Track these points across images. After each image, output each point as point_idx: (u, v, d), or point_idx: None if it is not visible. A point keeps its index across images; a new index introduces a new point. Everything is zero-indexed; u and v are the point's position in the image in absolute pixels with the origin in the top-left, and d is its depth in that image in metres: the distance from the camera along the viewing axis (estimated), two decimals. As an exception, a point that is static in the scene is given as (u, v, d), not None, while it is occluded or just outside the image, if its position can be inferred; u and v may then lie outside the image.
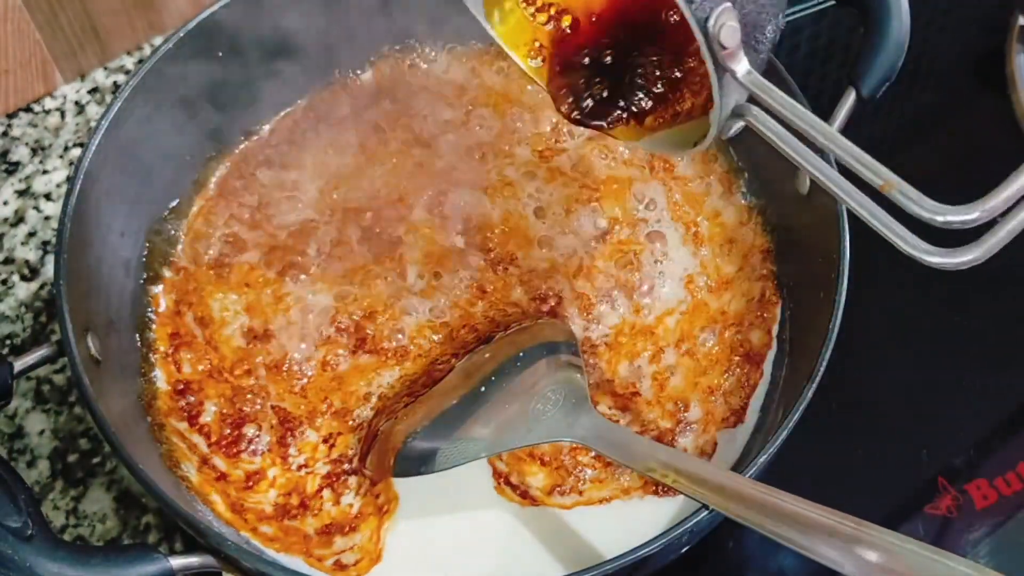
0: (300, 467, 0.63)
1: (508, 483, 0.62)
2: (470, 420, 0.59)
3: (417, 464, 0.59)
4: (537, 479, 0.63)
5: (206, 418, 0.65)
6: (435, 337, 0.68)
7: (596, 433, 0.57)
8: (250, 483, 0.63)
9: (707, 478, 0.52)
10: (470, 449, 0.58)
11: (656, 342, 0.67)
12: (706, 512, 0.51)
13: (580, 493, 0.62)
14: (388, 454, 0.60)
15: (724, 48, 0.46)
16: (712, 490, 0.51)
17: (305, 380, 0.66)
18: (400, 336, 0.68)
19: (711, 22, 0.46)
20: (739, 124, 0.50)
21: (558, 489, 0.62)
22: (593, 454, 0.62)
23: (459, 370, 0.63)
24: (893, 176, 0.45)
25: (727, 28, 0.46)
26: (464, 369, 0.63)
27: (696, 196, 0.73)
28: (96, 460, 0.68)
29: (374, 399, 0.66)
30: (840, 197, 0.46)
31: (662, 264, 0.70)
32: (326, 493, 0.62)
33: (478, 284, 0.70)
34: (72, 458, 0.68)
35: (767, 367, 0.66)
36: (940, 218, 0.44)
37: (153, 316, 0.68)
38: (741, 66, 0.48)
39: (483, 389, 0.61)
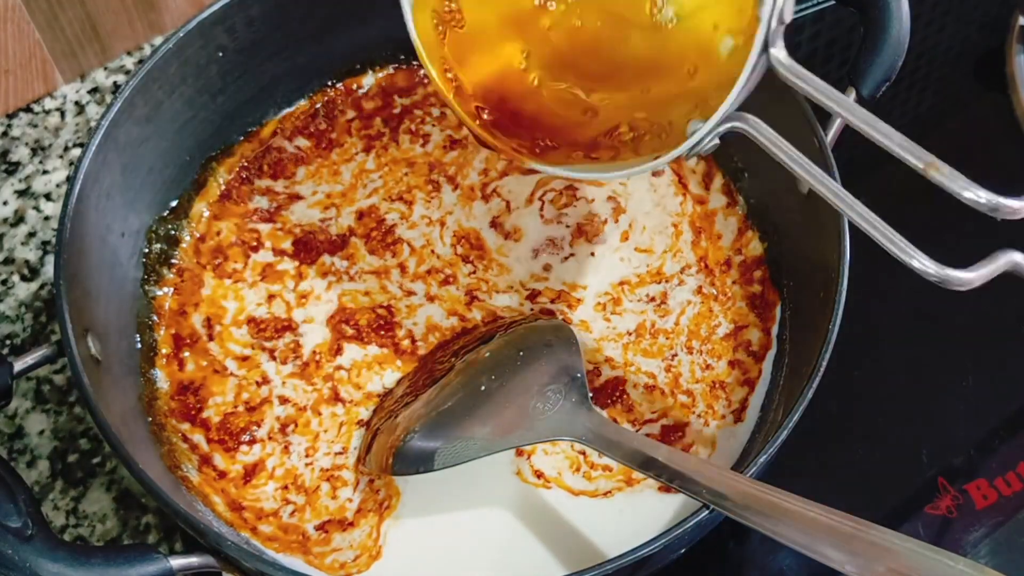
0: (300, 457, 0.64)
1: (528, 459, 0.63)
2: (469, 419, 0.60)
3: (416, 463, 0.59)
4: (557, 458, 0.63)
5: (208, 412, 0.65)
6: (438, 334, 0.68)
7: (596, 431, 0.57)
8: (249, 477, 0.63)
9: (707, 477, 0.52)
10: (469, 448, 0.58)
11: (670, 337, 0.68)
12: (706, 512, 0.51)
13: (590, 479, 0.63)
14: (387, 452, 0.60)
15: (781, 23, 0.47)
16: (712, 489, 0.51)
17: (312, 369, 0.67)
18: (408, 331, 0.68)
19: None
20: (715, 142, 0.51)
21: (573, 470, 0.63)
22: None
23: (459, 370, 0.63)
24: (933, 158, 0.46)
25: (789, 2, 0.47)
26: (464, 368, 0.63)
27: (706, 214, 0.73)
28: (96, 460, 0.68)
29: (376, 396, 0.66)
30: (839, 207, 0.48)
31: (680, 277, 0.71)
32: (324, 487, 0.63)
33: (481, 284, 0.70)
34: (72, 458, 0.68)
35: (767, 367, 0.66)
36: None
37: (155, 317, 0.68)
38: (780, 50, 0.48)
39: (483, 388, 0.61)
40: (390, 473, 0.61)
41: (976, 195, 0.46)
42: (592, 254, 0.71)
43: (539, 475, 0.63)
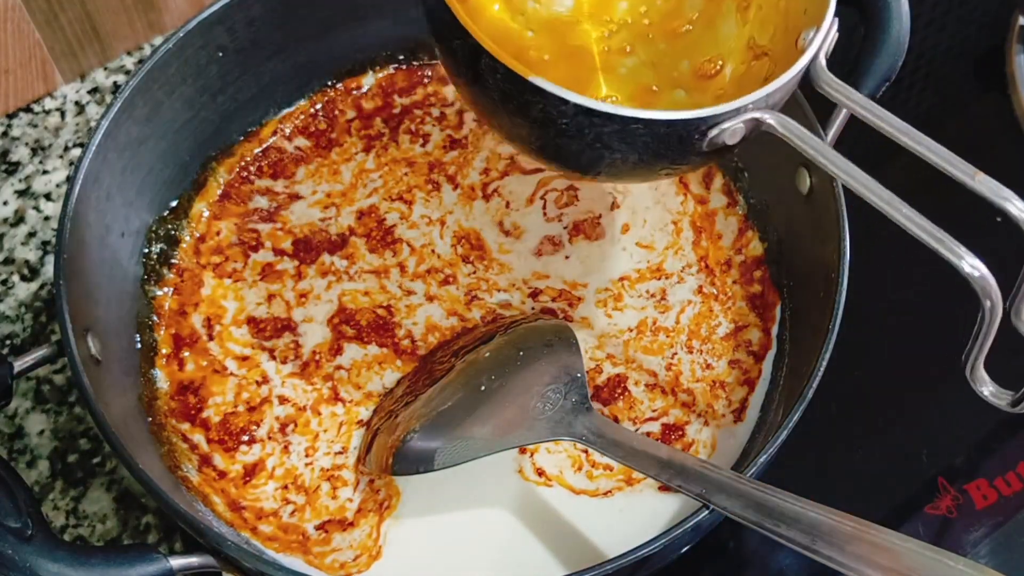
0: (300, 457, 0.64)
1: (530, 457, 0.63)
2: (470, 419, 0.60)
3: (416, 463, 0.59)
4: (559, 456, 0.64)
5: (208, 412, 0.65)
6: (438, 334, 0.68)
7: (596, 432, 0.57)
8: (248, 477, 0.63)
9: (707, 478, 0.52)
10: (469, 448, 0.58)
11: (671, 336, 0.68)
12: (706, 512, 0.51)
13: (591, 478, 0.63)
14: (387, 452, 0.60)
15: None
16: (712, 490, 0.51)
17: (312, 369, 0.67)
18: (408, 331, 0.68)
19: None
20: (739, 128, 0.50)
21: (575, 469, 0.63)
22: None
23: (459, 370, 0.63)
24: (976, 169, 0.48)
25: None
26: (464, 368, 0.63)
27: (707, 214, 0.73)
28: (96, 460, 0.68)
29: (376, 396, 0.66)
30: (885, 210, 0.48)
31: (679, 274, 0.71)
32: (324, 487, 0.63)
33: (482, 283, 0.70)
34: (72, 458, 0.68)
35: (767, 367, 0.66)
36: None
37: (155, 317, 0.68)
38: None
39: (483, 388, 0.61)
40: (390, 473, 0.61)
41: (1018, 207, 0.46)
42: (592, 251, 0.71)
43: (540, 473, 0.63)
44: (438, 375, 0.64)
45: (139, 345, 0.66)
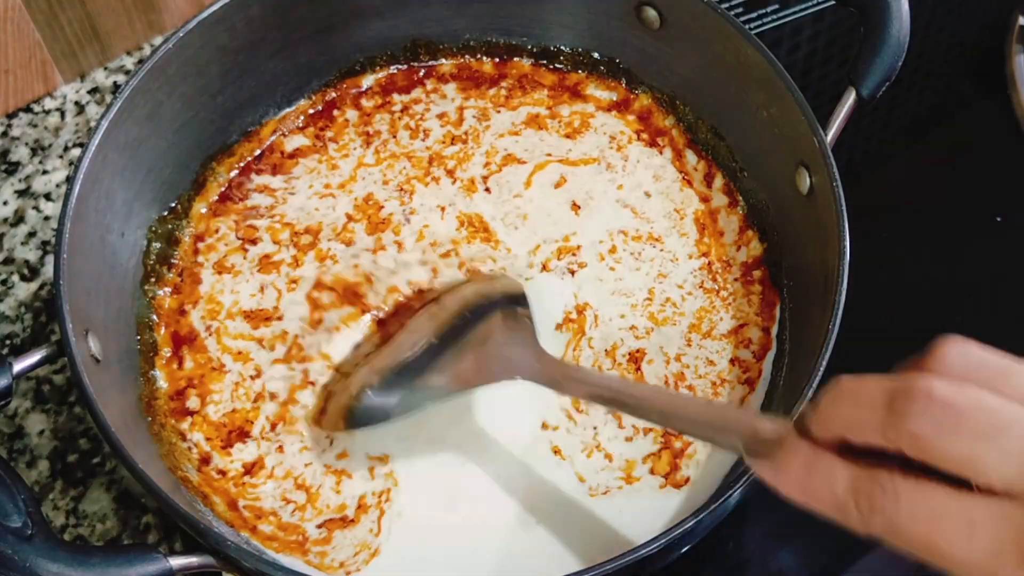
0: (296, 455, 0.64)
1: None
2: (426, 371, 0.60)
3: (374, 414, 0.60)
4: (573, 440, 0.64)
5: (207, 411, 0.65)
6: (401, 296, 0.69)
7: (543, 370, 0.58)
8: (248, 475, 0.63)
9: (646, 398, 0.54)
10: (426, 396, 0.60)
11: (676, 309, 0.69)
12: (707, 512, 0.51)
13: (597, 471, 0.63)
14: (343, 408, 0.61)
15: None
16: (661, 412, 0.52)
17: (294, 352, 0.67)
18: (381, 296, 0.69)
19: None
20: None
21: (586, 454, 0.64)
22: (616, 426, 0.64)
23: (410, 327, 0.64)
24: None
25: None
26: (416, 325, 0.64)
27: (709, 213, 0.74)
28: (96, 460, 0.68)
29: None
30: None
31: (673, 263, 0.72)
32: (324, 484, 0.63)
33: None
34: (72, 458, 0.68)
35: (767, 367, 0.66)
36: None
37: (155, 316, 0.68)
38: None
39: (436, 341, 0.62)
40: (346, 427, 0.62)
41: None
42: (591, 223, 0.72)
43: (556, 452, 0.64)
44: (393, 333, 0.65)
45: (139, 345, 0.66)
